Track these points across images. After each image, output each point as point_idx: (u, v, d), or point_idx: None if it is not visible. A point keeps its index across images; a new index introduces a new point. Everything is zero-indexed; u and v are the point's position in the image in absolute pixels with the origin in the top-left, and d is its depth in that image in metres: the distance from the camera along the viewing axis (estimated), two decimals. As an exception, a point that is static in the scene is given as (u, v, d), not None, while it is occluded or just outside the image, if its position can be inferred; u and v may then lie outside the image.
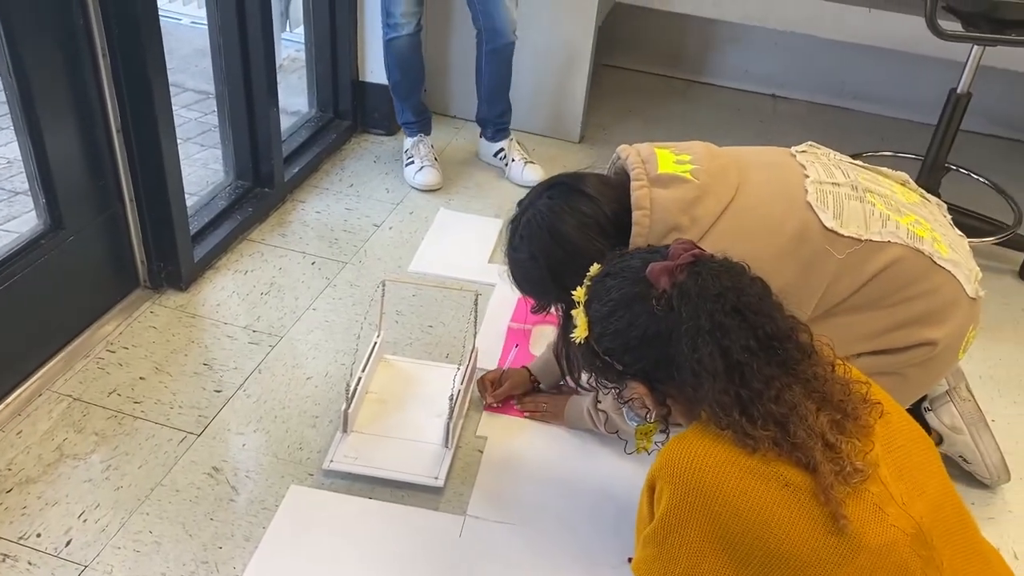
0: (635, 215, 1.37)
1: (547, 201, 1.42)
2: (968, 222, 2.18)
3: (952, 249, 1.44)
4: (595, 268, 1.15)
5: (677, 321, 1.02)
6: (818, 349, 1.05)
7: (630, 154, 1.43)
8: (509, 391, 1.77)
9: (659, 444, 1.19)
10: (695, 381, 1.00)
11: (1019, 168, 2.94)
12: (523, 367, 1.80)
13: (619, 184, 1.43)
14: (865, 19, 2.78)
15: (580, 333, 1.11)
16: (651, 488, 1.01)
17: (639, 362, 1.07)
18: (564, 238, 1.38)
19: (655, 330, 1.04)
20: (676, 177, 1.38)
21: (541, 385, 1.79)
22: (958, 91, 2.27)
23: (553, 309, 1.47)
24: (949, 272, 1.41)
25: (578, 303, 1.13)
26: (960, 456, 1.69)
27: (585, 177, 1.45)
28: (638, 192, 1.37)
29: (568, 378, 1.23)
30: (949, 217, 1.56)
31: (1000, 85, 2.90)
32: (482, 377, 1.80)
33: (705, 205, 1.37)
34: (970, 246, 1.53)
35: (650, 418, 1.10)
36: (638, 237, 1.36)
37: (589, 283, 1.14)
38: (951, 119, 2.29)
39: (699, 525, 0.95)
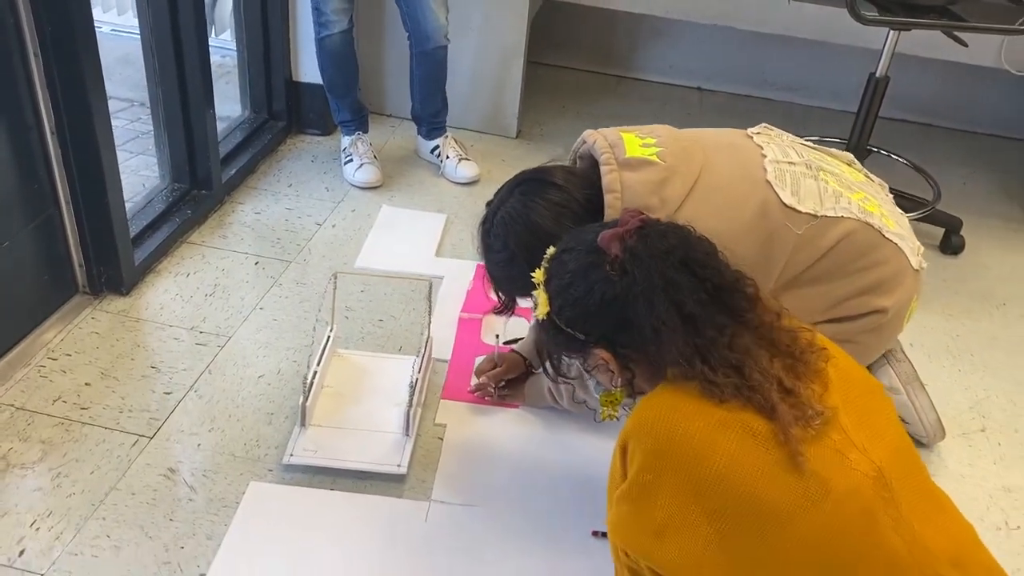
0: (607, 198, 1.40)
1: (519, 197, 1.44)
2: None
3: (897, 224, 1.53)
4: (551, 250, 1.18)
5: (632, 282, 1.07)
6: (764, 299, 1.10)
7: (597, 139, 1.47)
8: (504, 373, 1.75)
9: (627, 409, 1.22)
10: (656, 338, 1.04)
11: (931, 148, 3.08)
12: (513, 351, 1.79)
13: (584, 171, 1.46)
14: (784, 11, 2.88)
15: (541, 311, 1.14)
16: (623, 449, 1.04)
17: (600, 328, 1.10)
18: (541, 229, 1.39)
19: (612, 294, 1.08)
20: (644, 160, 1.42)
21: (533, 367, 1.78)
22: (877, 75, 2.38)
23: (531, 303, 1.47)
24: (896, 244, 1.49)
25: (538, 284, 1.16)
26: (899, 416, 1.76)
27: (551, 169, 1.48)
28: (608, 176, 1.41)
29: (549, 369, 1.25)
30: (891, 196, 1.64)
31: (909, 72, 3.04)
32: (478, 369, 1.78)
33: (673, 186, 1.42)
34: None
35: (616, 383, 1.13)
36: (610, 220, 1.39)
37: (547, 264, 1.17)
38: (872, 101, 2.40)
39: (672, 479, 0.98)
